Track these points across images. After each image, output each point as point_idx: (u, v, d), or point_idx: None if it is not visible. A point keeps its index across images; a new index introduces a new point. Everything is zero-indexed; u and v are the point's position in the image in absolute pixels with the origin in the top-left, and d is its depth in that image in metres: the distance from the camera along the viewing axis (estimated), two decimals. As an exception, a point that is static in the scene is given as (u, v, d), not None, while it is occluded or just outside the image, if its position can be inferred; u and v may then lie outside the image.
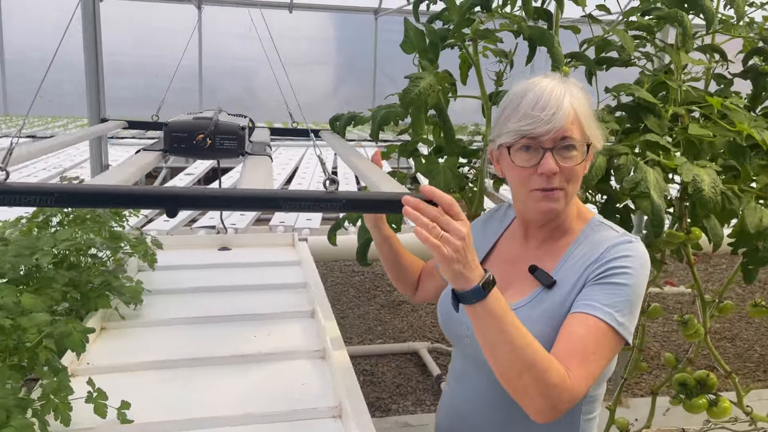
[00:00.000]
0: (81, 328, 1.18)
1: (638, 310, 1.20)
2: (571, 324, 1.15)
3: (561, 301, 1.20)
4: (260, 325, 1.77)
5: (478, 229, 1.45)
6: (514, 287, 1.28)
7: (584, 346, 1.12)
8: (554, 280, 1.22)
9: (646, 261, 1.22)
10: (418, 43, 1.54)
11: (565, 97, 1.17)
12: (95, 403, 1.19)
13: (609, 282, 1.16)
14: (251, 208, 0.96)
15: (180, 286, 2.09)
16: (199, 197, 0.92)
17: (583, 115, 1.20)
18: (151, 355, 1.55)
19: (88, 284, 1.70)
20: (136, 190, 0.91)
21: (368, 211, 1.21)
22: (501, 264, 1.35)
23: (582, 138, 1.19)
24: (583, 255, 1.23)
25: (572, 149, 1.18)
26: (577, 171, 1.20)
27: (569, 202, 1.23)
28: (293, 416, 1.26)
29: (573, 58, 1.82)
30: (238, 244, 2.64)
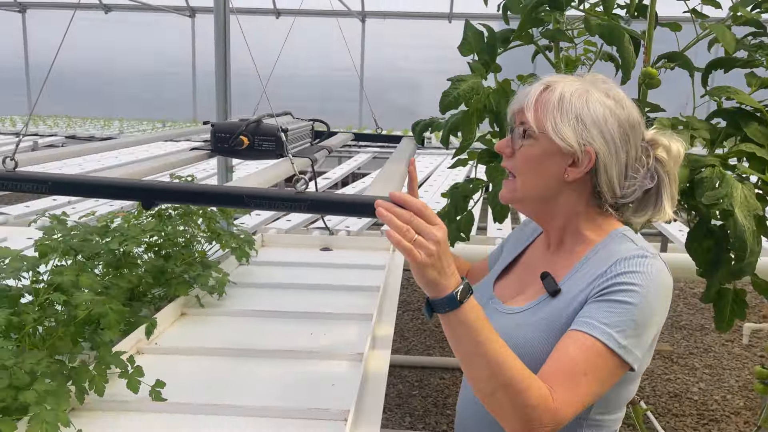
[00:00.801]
0: (117, 309, 1.29)
1: (648, 335, 1.06)
2: (565, 342, 1.04)
3: (560, 310, 1.11)
4: (321, 324, 1.81)
5: (516, 235, 1.40)
6: (526, 292, 1.22)
7: (574, 366, 1.01)
8: (559, 289, 1.14)
9: (662, 281, 1.07)
10: (476, 45, 1.48)
11: (537, 85, 1.16)
12: (129, 379, 1.30)
13: (611, 299, 1.05)
14: (216, 204, 1.00)
15: (267, 281, 2.20)
16: (169, 191, 0.97)
17: (547, 106, 1.13)
18: (211, 342, 1.65)
19: (173, 273, 1.86)
20: (115, 182, 1.00)
21: (334, 213, 1.19)
22: (521, 268, 1.31)
23: (534, 126, 1.13)
24: (594, 266, 1.12)
25: (522, 134, 1.15)
26: (523, 158, 1.16)
27: (528, 193, 1.18)
28: (299, 414, 1.27)
29: (668, 59, 1.64)
30: (339, 245, 2.72)
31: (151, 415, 1.30)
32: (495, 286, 1.32)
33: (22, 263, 1.36)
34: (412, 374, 3.88)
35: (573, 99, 1.13)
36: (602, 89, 1.16)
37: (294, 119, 1.74)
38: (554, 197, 1.17)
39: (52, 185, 1.01)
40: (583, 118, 1.12)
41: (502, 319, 1.19)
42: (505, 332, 1.13)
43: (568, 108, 1.12)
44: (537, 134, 1.13)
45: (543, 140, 1.13)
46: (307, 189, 1.00)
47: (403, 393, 3.65)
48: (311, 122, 1.76)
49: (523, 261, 1.34)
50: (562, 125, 1.12)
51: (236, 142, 1.42)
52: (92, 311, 1.25)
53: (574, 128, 1.12)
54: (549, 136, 1.12)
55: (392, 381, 3.77)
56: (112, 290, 1.61)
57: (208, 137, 1.62)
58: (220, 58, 2.82)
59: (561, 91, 1.13)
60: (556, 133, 1.11)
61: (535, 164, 1.15)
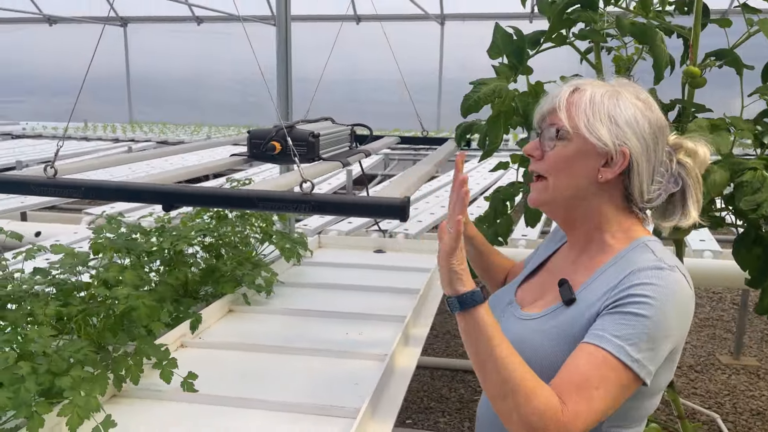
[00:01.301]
0: (149, 303, 1.39)
1: (663, 349, 1.02)
2: (576, 355, 1.02)
3: (573, 320, 1.09)
4: (358, 324, 1.85)
5: (547, 240, 1.40)
6: (545, 298, 1.20)
7: (586, 380, 0.98)
8: (574, 298, 1.12)
9: (679, 294, 1.03)
10: (504, 48, 1.46)
11: (566, 88, 1.13)
12: (163, 369, 1.39)
13: (623, 311, 1.01)
14: (228, 206, 1.05)
15: (316, 282, 2.27)
16: (186, 195, 1.04)
17: (578, 106, 1.11)
18: (251, 338, 1.73)
19: (221, 271, 1.96)
20: (138, 186, 1.07)
21: (338, 214, 1.21)
22: (545, 274, 1.29)
23: (566, 126, 1.11)
24: (611, 276, 1.09)
25: (553, 135, 1.13)
26: (556, 158, 1.13)
27: (559, 195, 1.14)
28: (315, 410, 1.31)
29: (716, 56, 1.55)
30: (392, 248, 2.75)
31: (182, 404, 1.38)
32: (518, 291, 1.31)
33: (74, 259, 1.48)
34: (476, 379, 3.84)
35: (604, 99, 1.11)
36: (631, 92, 1.13)
37: (333, 125, 1.79)
38: (585, 199, 1.15)
39: (85, 190, 1.11)
40: (616, 118, 1.10)
41: (517, 324, 1.18)
42: (518, 338, 1.13)
43: (600, 108, 1.10)
44: (570, 134, 1.11)
45: (576, 140, 1.11)
46: (312, 191, 1.04)
47: (465, 398, 3.63)
48: (350, 127, 1.80)
49: (547, 267, 1.32)
50: (596, 124, 1.10)
51: (268, 147, 1.49)
52: (129, 305, 1.35)
53: (608, 127, 1.10)
54: (583, 135, 1.10)
55: (454, 385, 3.75)
56: (160, 286, 1.73)
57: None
58: (282, 64, 2.93)
59: (591, 92, 1.12)
60: (590, 132, 1.09)
61: (567, 164, 1.13)
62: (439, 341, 4.10)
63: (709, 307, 4.74)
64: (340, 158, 1.60)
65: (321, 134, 1.57)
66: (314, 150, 1.50)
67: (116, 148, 7.69)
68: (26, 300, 1.39)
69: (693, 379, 3.67)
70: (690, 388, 3.55)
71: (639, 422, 1.14)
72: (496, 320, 1.24)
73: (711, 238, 3.49)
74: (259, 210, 1.04)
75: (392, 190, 1.16)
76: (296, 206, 1.02)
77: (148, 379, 1.44)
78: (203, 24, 10.56)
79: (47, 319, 1.31)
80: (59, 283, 1.50)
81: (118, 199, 1.28)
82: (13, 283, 1.43)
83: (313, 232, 3.34)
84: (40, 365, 1.18)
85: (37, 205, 4.47)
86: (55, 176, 1.18)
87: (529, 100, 1.45)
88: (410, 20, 9.19)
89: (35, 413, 1.13)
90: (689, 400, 3.32)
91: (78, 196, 1.12)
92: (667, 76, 1.63)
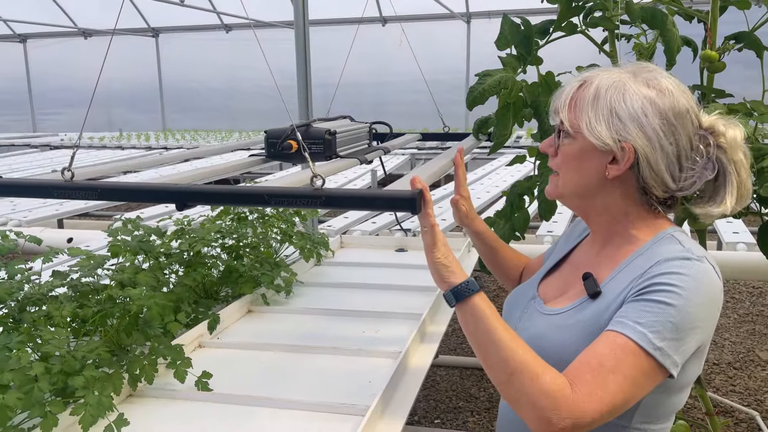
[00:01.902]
0: (161, 303, 1.40)
1: (691, 340, 0.98)
2: (596, 341, 1.00)
3: (599, 313, 1.06)
4: (375, 323, 1.84)
5: (566, 234, 1.38)
6: (568, 293, 1.18)
7: (600, 362, 0.95)
8: (599, 291, 1.09)
9: (708, 284, 0.99)
10: (512, 38, 1.43)
11: (574, 82, 1.13)
12: (177, 369, 1.40)
13: (647, 299, 0.98)
14: (240, 203, 1.06)
15: (337, 281, 2.27)
16: (198, 193, 1.05)
17: (581, 103, 1.10)
18: (268, 338, 1.74)
19: (239, 272, 1.97)
20: (152, 187, 1.09)
21: (349, 208, 1.20)
22: (568, 268, 1.27)
23: (572, 125, 1.11)
24: (637, 267, 1.06)
25: (560, 134, 1.14)
26: (563, 157, 1.14)
27: (570, 191, 1.15)
28: (327, 408, 1.31)
29: (735, 39, 1.50)
30: (414, 246, 2.74)
31: (197, 403, 1.39)
32: (540, 286, 1.29)
33: (90, 261, 1.51)
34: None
35: (608, 94, 1.08)
36: (643, 79, 1.09)
37: (350, 122, 1.79)
38: (596, 194, 1.13)
39: (101, 192, 1.13)
40: (619, 113, 1.07)
41: (542, 320, 1.16)
42: (543, 333, 1.11)
43: (602, 104, 1.08)
44: (573, 133, 1.11)
45: (580, 139, 1.10)
46: (324, 186, 1.05)
47: (494, 397, 3.59)
48: (368, 125, 1.80)
49: (569, 260, 1.30)
50: (596, 123, 1.08)
51: (284, 146, 1.49)
52: (140, 305, 1.37)
53: (608, 124, 1.07)
54: (584, 134, 1.09)
55: (483, 385, 3.71)
56: (177, 288, 1.75)
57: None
58: (301, 66, 2.95)
59: (597, 86, 1.09)
60: (590, 132, 1.08)
61: (574, 162, 1.13)
62: (467, 342, 4.06)
63: (749, 302, 4.59)
64: (357, 155, 1.60)
65: (338, 132, 1.57)
66: (331, 147, 1.50)
67: (148, 155, 7.85)
68: (45, 302, 1.42)
69: (732, 376, 3.56)
70: (728, 386, 3.45)
71: (667, 418, 1.11)
72: (519, 316, 1.23)
73: (745, 229, 3.39)
74: (272, 206, 1.05)
75: (405, 184, 1.15)
76: (307, 201, 1.02)
77: (163, 378, 1.45)
78: (232, 32, 10.71)
79: (63, 320, 1.33)
80: (76, 285, 1.53)
81: (132, 199, 1.30)
82: (32, 285, 1.46)
83: (336, 233, 3.34)
84: (53, 365, 1.20)
85: (72, 213, 4.59)
86: (72, 179, 1.21)
87: (539, 91, 1.42)
88: (436, 20, 9.17)
89: (49, 413, 1.15)
90: (727, 397, 3.22)
91: (94, 198, 1.14)
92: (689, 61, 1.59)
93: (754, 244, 3.05)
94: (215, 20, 10.40)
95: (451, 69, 9.34)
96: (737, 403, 3.10)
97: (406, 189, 1.11)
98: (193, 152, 2.22)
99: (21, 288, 1.38)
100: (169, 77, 11.50)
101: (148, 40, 11.23)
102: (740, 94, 1.56)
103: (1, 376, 1.11)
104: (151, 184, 1.20)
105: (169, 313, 1.43)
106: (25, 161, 7.44)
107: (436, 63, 9.06)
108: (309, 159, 1.16)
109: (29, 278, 1.42)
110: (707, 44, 1.53)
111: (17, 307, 1.38)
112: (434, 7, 8.12)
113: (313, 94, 3.06)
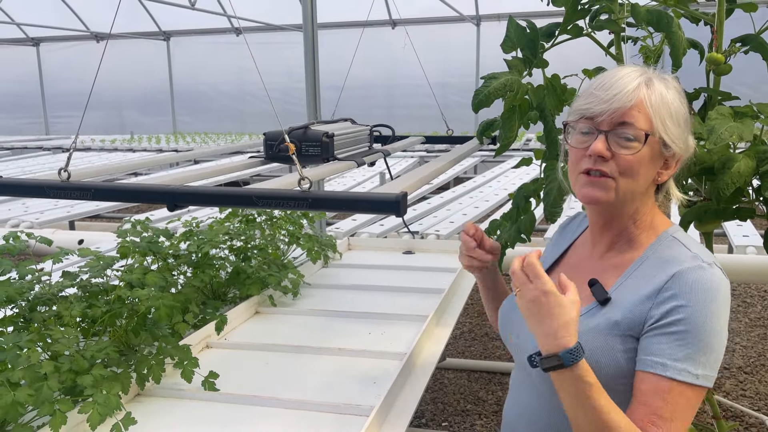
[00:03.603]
0: (168, 303, 1.41)
1: (719, 348, 1.01)
2: (642, 391, 1.01)
3: (613, 321, 1.06)
4: (380, 324, 1.84)
5: (555, 236, 1.35)
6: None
7: (659, 416, 0.99)
8: (609, 297, 1.09)
9: (722, 294, 1.01)
10: (518, 41, 1.44)
11: (636, 83, 1.05)
12: (183, 369, 1.42)
13: (672, 331, 1.00)
14: (229, 204, 1.07)
15: (344, 283, 2.28)
16: (188, 194, 1.06)
17: (657, 107, 1.05)
18: (274, 339, 1.75)
19: (246, 273, 1.98)
20: (143, 188, 1.10)
21: (335, 210, 1.21)
22: (565, 270, 1.24)
23: (647, 127, 1.04)
24: (647, 275, 1.06)
25: (631, 138, 1.04)
26: (631, 163, 1.05)
27: (622, 199, 1.08)
28: (332, 409, 1.32)
29: (741, 42, 1.50)
30: (421, 249, 2.74)
31: (203, 403, 1.40)
32: None
33: (99, 262, 1.53)
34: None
35: (668, 95, 1.06)
36: (672, 82, 1.09)
37: (351, 125, 1.80)
38: (638, 199, 1.11)
39: (95, 192, 1.15)
40: (681, 116, 1.07)
41: None
42: None
43: (673, 111, 1.06)
44: (643, 137, 1.05)
45: (652, 142, 1.05)
46: (310, 189, 1.06)
47: (502, 400, 3.58)
48: (368, 127, 1.81)
49: (566, 261, 1.29)
50: (676, 131, 1.06)
51: (281, 148, 1.51)
52: (148, 305, 1.38)
53: (678, 128, 1.07)
54: (660, 137, 1.05)
55: (492, 388, 3.71)
56: (185, 288, 1.76)
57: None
58: (309, 69, 2.97)
59: (659, 92, 1.06)
60: (667, 134, 1.05)
61: (639, 167, 1.06)
62: (476, 344, 4.06)
63: (761, 306, 4.56)
64: (356, 158, 1.61)
65: (336, 134, 1.58)
66: (329, 150, 1.51)
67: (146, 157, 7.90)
68: (55, 302, 1.44)
69: (742, 381, 3.53)
70: (739, 390, 3.42)
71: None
72: (519, 321, 1.21)
73: (755, 232, 3.36)
74: (259, 207, 1.05)
75: (394, 186, 1.16)
76: (295, 203, 1.04)
77: (171, 378, 1.47)
78: (242, 35, 10.76)
79: (73, 320, 1.35)
80: (85, 285, 1.55)
81: (124, 199, 1.32)
82: (42, 285, 1.48)
83: (344, 235, 3.35)
84: (63, 364, 1.22)
85: (83, 215, 4.63)
86: (69, 179, 1.23)
87: (544, 94, 1.43)
88: (446, 22, 9.17)
89: (57, 411, 1.16)
90: (738, 402, 3.20)
91: (88, 198, 1.16)
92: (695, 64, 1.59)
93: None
94: (225, 23, 10.46)
95: (461, 72, 9.33)
96: (747, 407, 3.07)
97: (390, 192, 1.11)
98: (185, 155, 2.24)
99: (32, 288, 1.40)
100: (179, 80, 11.57)
101: (160, 44, 11.31)
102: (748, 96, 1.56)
103: (12, 374, 1.12)
104: (143, 184, 1.22)
105: (177, 313, 1.44)
106: (38, 163, 7.52)
107: (445, 66, 9.07)
108: (296, 161, 1.17)
109: (40, 278, 1.44)
110: (713, 47, 1.53)
111: (28, 307, 1.40)
112: (444, 10, 8.12)
113: (322, 97, 3.08)
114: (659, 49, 1.87)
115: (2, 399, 1.09)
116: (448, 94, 9.10)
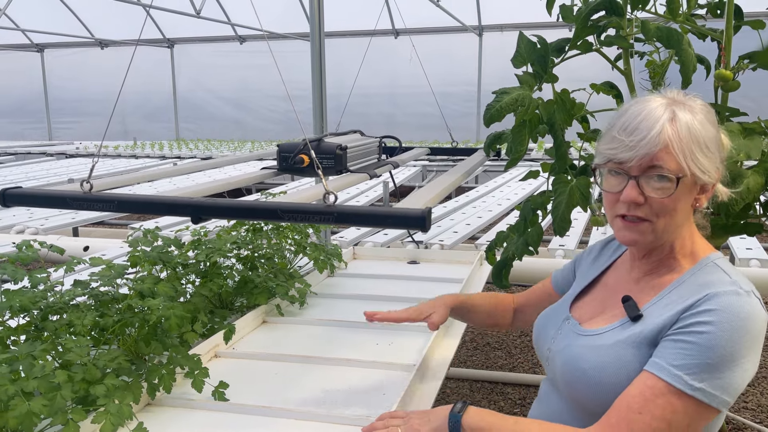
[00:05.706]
0: (178, 313, 1.42)
1: (736, 377, 0.99)
2: (632, 382, 1.03)
3: (641, 336, 1.08)
4: (388, 335, 1.85)
5: (592, 256, 1.37)
6: (605, 314, 1.20)
7: (628, 404, 1.00)
8: (640, 314, 1.10)
9: (753, 323, 1.00)
10: (529, 56, 1.45)
11: (662, 122, 1.04)
12: (194, 379, 1.42)
13: (686, 340, 1.01)
14: (253, 218, 1.08)
15: (350, 293, 2.29)
16: (213, 207, 1.07)
17: (685, 143, 1.04)
18: (282, 349, 1.75)
19: (253, 283, 1.99)
20: (169, 200, 1.11)
21: (360, 224, 1.22)
22: (602, 290, 1.28)
23: (677, 169, 1.04)
24: (682, 296, 1.07)
25: (663, 179, 1.05)
26: (666, 204, 1.06)
27: (662, 236, 1.09)
28: (341, 420, 1.32)
29: (749, 59, 1.51)
30: (426, 258, 2.75)
31: (214, 413, 1.41)
32: (572, 307, 1.30)
33: (111, 271, 1.54)
34: (515, 392, 3.79)
35: (697, 126, 1.06)
36: (698, 104, 1.10)
37: (361, 137, 1.82)
38: (679, 228, 1.12)
39: (118, 204, 1.16)
40: (708, 144, 1.07)
41: (579, 340, 1.18)
42: (581, 354, 1.13)
43: (698, 140, 1.05)
44: (675, 177, 1.05)
45: (684, 180, 1.06)
46: (336, 202, 1.07)
47: (504, 410, 3.58)
48: (378, 139, 1.82)
49: (603, 282, 1.30)
50: (704, 161, 1.06)
51: (296, 160, 1.52)
52: (159, 315, 1.39)
53: (708, 157, 1.07)
54: (691, 173, 1.05)
55: (494, 398, 3.71)
56: (194, 298, 1.77)
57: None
58: (317, 79, 2.99)
59: (684, 123, 1.05)
60: (700, 170, 1.05)
61: (677, 204, 1.07)
62: (478, 354, 4.06)
63: (762, 319, 4.56)
64: (367, 170, 1.62)
65: (348, 147, 1.60)
66: (342, 162, 1.52)
67: (162, 165, 7.92)
68: (66, 311, 1.45)
69: (744, 393, 3.53)
70: (740, 402, 3.42)
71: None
72: (553, 336, 1.23)
73: (758, 245, 3.37)
74: (285, 221, 1.07)
75: (416, 201, 1.17)
76: (320, 218, 1.05)
77: (181, 388, 1.47)
78: (246, 43, 10.82)
79: (84, 329, 1.36)
80: (97, 294, 1.56)
81: (149, 212, 1.33)
82: (54, 294, 1.49)
83: (349, 244, 3.37)
84: (76, 373, 1.23)
85: (88, 221, 4.64)
86: (91, 191, 1.24)
87: (554, 108, 1.44)
88: (448, 32, 9.22)
89: (71, 420, 1.17)
90: (739, 414, 3.20)
91: (111, 210, 1.17)
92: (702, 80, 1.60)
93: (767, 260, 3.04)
94: (230, 32, 10.51)
95: (463, 81, 9.38)
96: (749, 420, 3.08)
97: (416, 207, 1.12)
98: (207, 163, 2.25)
99: (44, 297, 1.41)
100: (183, 87, 11.62)
101: (164, 51, 11.36)
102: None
103: (26, 383, 1.13)
104: (168, 197, 1.23)
105: (186, 323, 1.45)
106: (42, 169, 7.53)
107: (448, 75, 9.11)
108: (322, 176, 1.18)
109: (52, 287, 1.45)
110: (721, 63, 1.55)
111: (40, 316, 1.41)
112: (447, 20, 8.17)
113: (328, 104, 3.09)
114: (666, 64, 1.89)
115: (17, 409, 1.10)
116: (450, 103, 9.14)
